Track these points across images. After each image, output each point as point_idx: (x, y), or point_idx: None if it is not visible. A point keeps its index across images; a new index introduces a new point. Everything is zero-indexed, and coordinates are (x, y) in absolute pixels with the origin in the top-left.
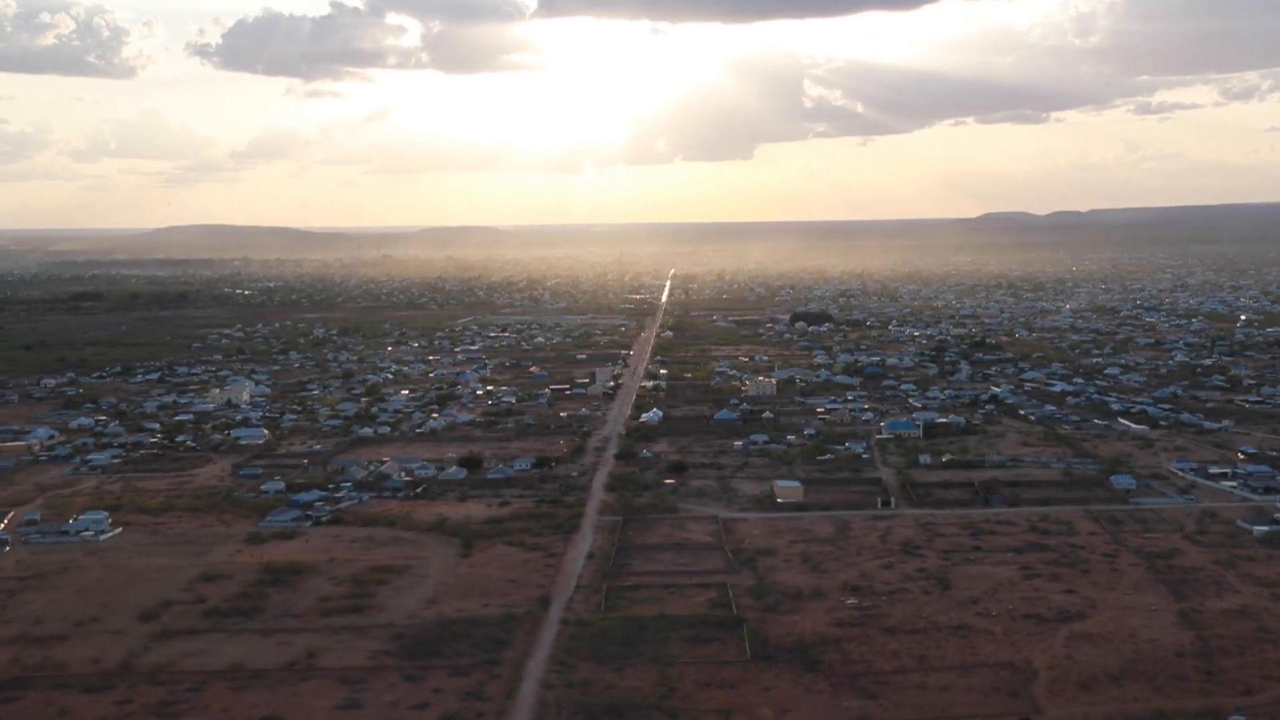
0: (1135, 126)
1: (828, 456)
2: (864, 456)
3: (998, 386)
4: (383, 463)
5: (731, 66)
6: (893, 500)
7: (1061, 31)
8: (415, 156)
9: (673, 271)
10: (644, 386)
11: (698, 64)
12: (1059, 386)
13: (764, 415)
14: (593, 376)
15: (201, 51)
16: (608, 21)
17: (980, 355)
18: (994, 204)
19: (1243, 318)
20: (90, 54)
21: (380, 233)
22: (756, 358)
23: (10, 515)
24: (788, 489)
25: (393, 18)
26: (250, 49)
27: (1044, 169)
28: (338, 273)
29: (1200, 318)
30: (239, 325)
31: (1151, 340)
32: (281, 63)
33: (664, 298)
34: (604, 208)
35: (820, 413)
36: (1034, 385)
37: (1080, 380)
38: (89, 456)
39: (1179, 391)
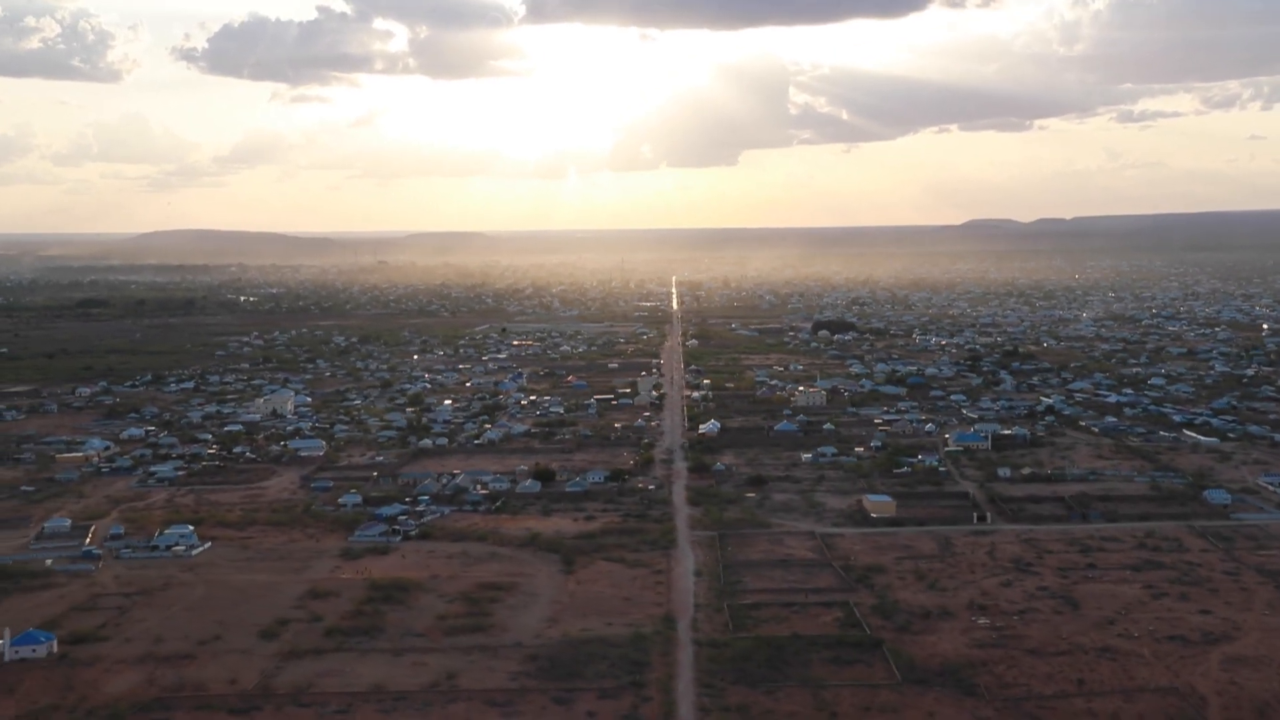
0: (1118, 134)
1: (904, 470)
2: (940, 470)
3: (1047, 397)
4: (454, 475)
5: (717, 73)
6: (988, 516)
7: (1046, 40)
8: (401, 162)
9: (674, 278)
10: (689, 397)
11: (684, 70)
12: (1113, 398)
13: (825, 427)
14: (634, 387)
15: (187, 55)
16: (596, 28)
17: (1017, 365)
18: (978, 211)
19: (1265, 326)
20: (75, 57)
21: (367, 238)
22: (791, 367)
23: (92, 529)
24: (879, 504)
25: (380, 23)
26: (236, 53)
27: (1027, 176)
28: (337, 279)
29: (1223, 326)
30: (255, 333)
31: (1184, 350)
32: (267, 67)
33: (675, 305)
34: (590, 214)
35: (879, 424)
36: (1084, 396)
37: (1130, 391)
38: (152, 468)
39: (1234, 403)
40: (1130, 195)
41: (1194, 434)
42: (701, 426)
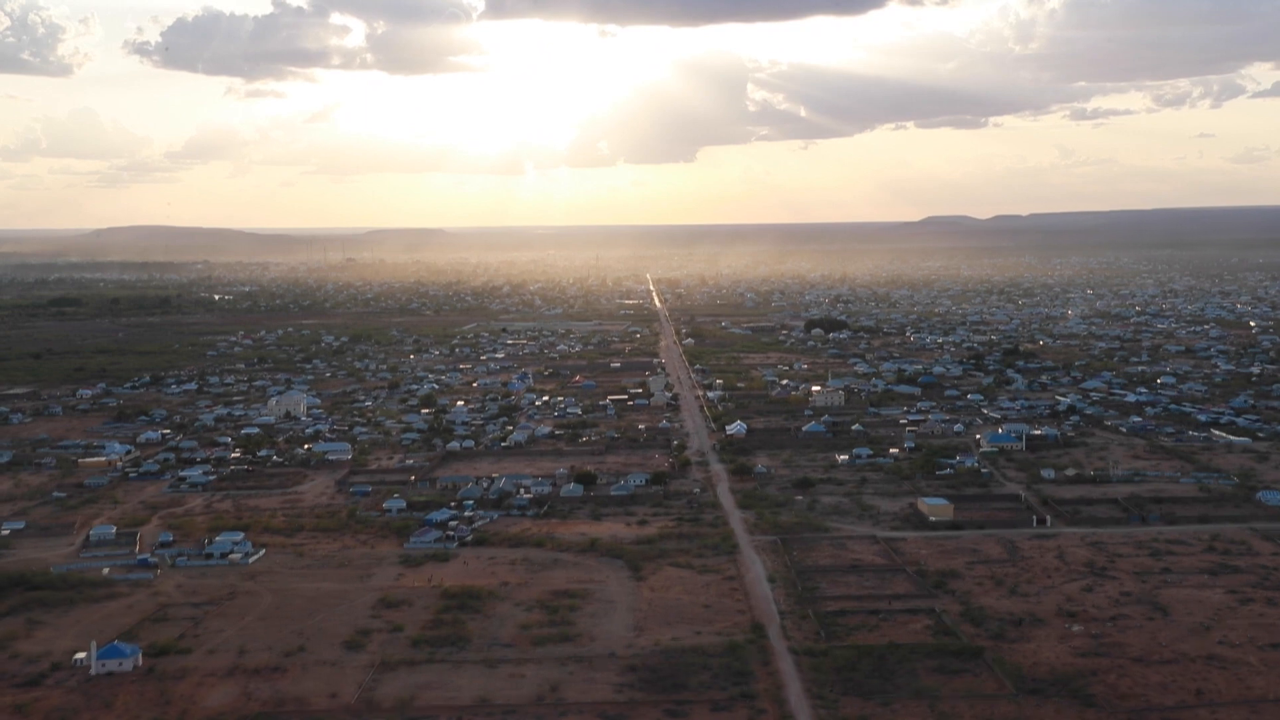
0: (1071, 132)
1: (946, 471)
2: (983, 471)
3: (1063, 396)
4: (493, 479)
5: (676, 69)
6: (1048, 519)
7: (1001, 38)
8: (356, 157)
9: (648, 275)
10: (704, 397)
11: (643, 67)
12: (1131, 397)
13: (854, 428)
14: (645, 387)
15: (140, 49)
16: (556, 24)
17: (1022, 363)
18: (935, 208)
19: (1253, 325)
20: (25, 50)
21: (325, 234)
22: (795, 366)
23: (139, 535)
24: (937, 507)
25: (337, 18)
26: (190, 47)
27: (982, 173)
28: (308, 277)
29: (1211, 324)
30: (241, 332)
31: (1182, 348)
32: (222, 62)
33: (657, 303)
34: (547, 210)
35: (905, 425)
36: (1100, 395)
37: (1144, 390)
38: (182, 473)
39: (1252, 401)
40: (1082, 192)
41: (1222, 433)
42: (728, 428)
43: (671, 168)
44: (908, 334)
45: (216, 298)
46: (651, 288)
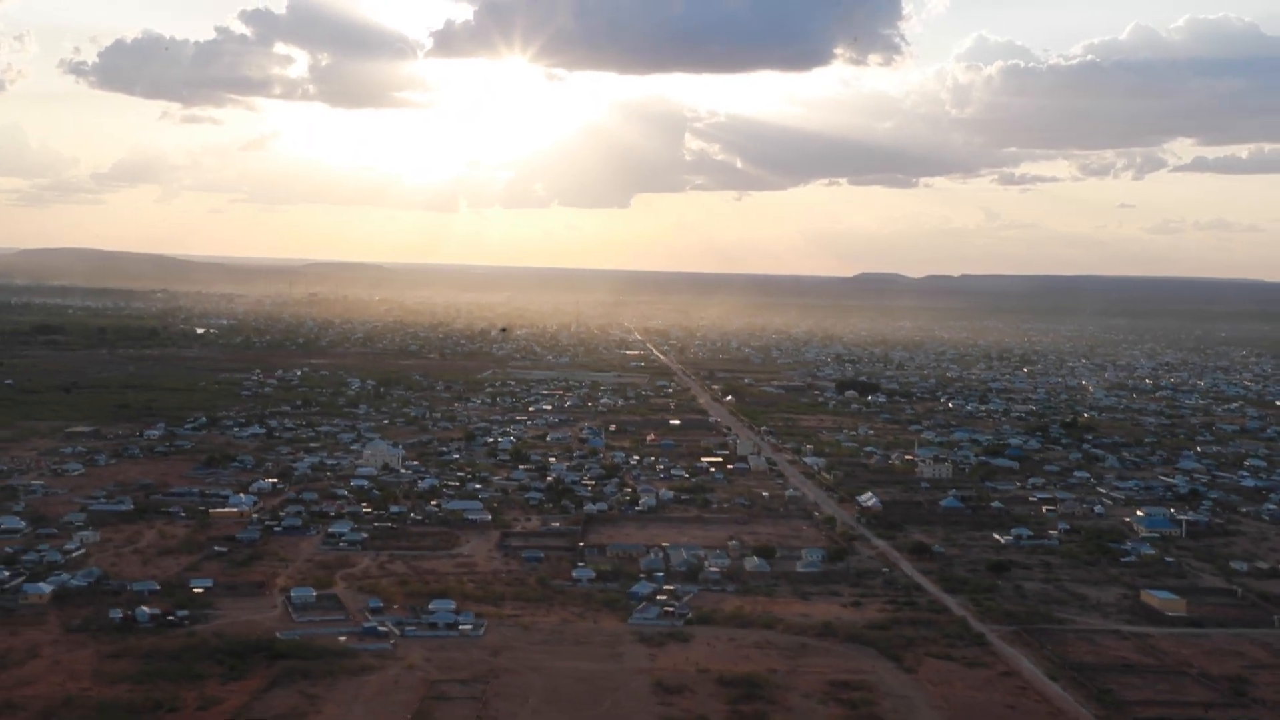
0: (997, 195)
1: (1129, 558)
2: (1167, 560)
3: (1167, 477)
4: (663, 548)
5: (616, 115)
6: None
7: (938, 100)
8: (288, 187)
9: (628, 324)
10: (800, 461)
11: (584, 112)
12: (1249, 480)
13: (993, 505)
14: (732, 449)
15: (76, 69)
16: (503, 64)
17: (1090, 438)
18: (865, 264)
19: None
20: None
21: (253, 263)
22: (861, 430)
23: (336, 597)
24: (1169, 601)
25: (281, 47)
26: (128, 69)
27: (910, 232)
28: (280, 311)
29: (1238, 403)
30: (258, 371)
31: (1236, 427)
32: (160, 86)
33: (662, 356)
34: (479, 249)
35: (1038, 502)
36: (1203, 477)
37: (1245, 473)
38: (330, 529)
39: None
40: (1006, 255)
41: None
42: (859, 499)
43: (606, 212)
44: (940, 399)
45: (199, 331)
46: (640, 336)
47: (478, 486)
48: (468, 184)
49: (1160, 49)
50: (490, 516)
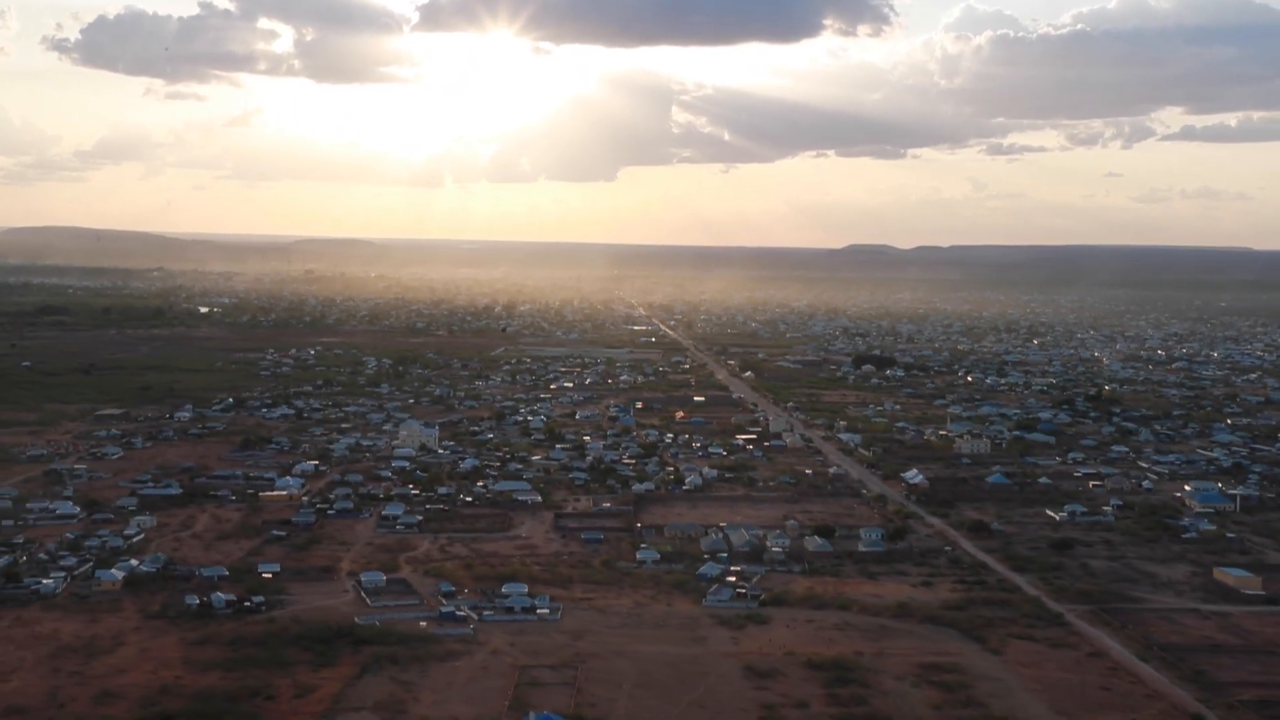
0: (985, 166)
1: (1190, 535)
2: (1229, 536)
3: (1207, 450)
4: (721, 528)
5: (602, 89)
6: None
7: (927, 71)
8: (272, 164)
9: (630, 299)
10: (834, 438)
11: (570, 85)
12: None
13: (1040, 480)
14: (765, 426)
15: (58, 46)
16: (490, 38)
17: (1118, 411)
18: (854, 235)
19: None
20: None
21: (239, 240)
22: (887, 406)
23: (405, 581)
24: (1244, 579)
25: (265, 22)
26: (111, 46)
27: (898, 203)
28: (280, 289)
29: (1257, 373)
30: (272, 350)
31: (1261, 399)
32: (144, 62)
33: (670, 332)
34: (466, 224)
35: (1084, 477)
36: (1240, 449)
37: None
38: (384, 512)
39: None
40: (994, 225)
41: None
42: (904, 476)
43: (592, 186)
44: (959, 373)
45: (204, 310)
46: (644, 312)
47: (518, 467)
48: (454, 159)
49: (1149, 17)
50: (540, 497)
